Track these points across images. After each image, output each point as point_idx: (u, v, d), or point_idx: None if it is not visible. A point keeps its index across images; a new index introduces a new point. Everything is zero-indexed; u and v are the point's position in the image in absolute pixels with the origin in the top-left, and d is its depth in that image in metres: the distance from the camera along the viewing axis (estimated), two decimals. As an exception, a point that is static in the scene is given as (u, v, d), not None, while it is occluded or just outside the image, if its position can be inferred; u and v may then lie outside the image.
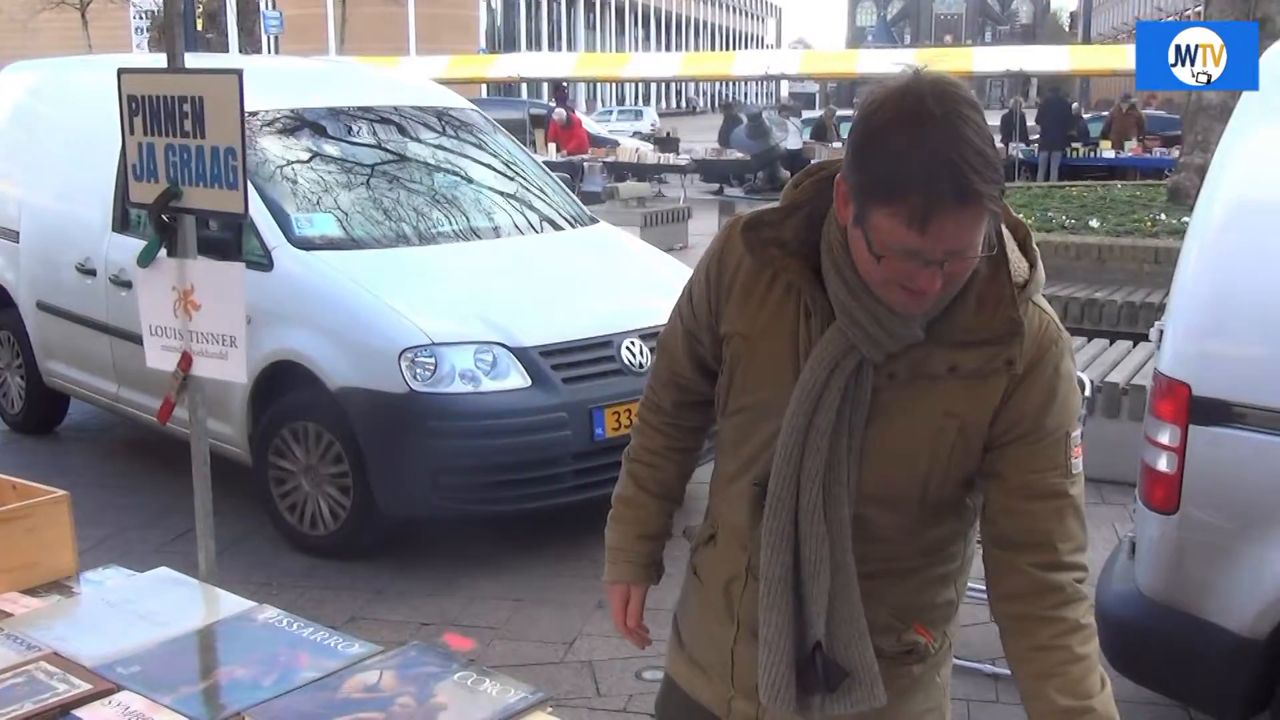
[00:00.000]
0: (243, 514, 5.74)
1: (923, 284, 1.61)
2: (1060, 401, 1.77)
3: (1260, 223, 3.37)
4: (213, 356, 3.46)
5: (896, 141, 1.57)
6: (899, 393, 1.76)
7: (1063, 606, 1.76)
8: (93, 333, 6.37)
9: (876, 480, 1.79)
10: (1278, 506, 3.22)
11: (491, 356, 5.18)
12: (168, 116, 3.38)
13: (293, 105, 6.52)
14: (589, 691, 4.27)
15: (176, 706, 1.94)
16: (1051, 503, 1.78)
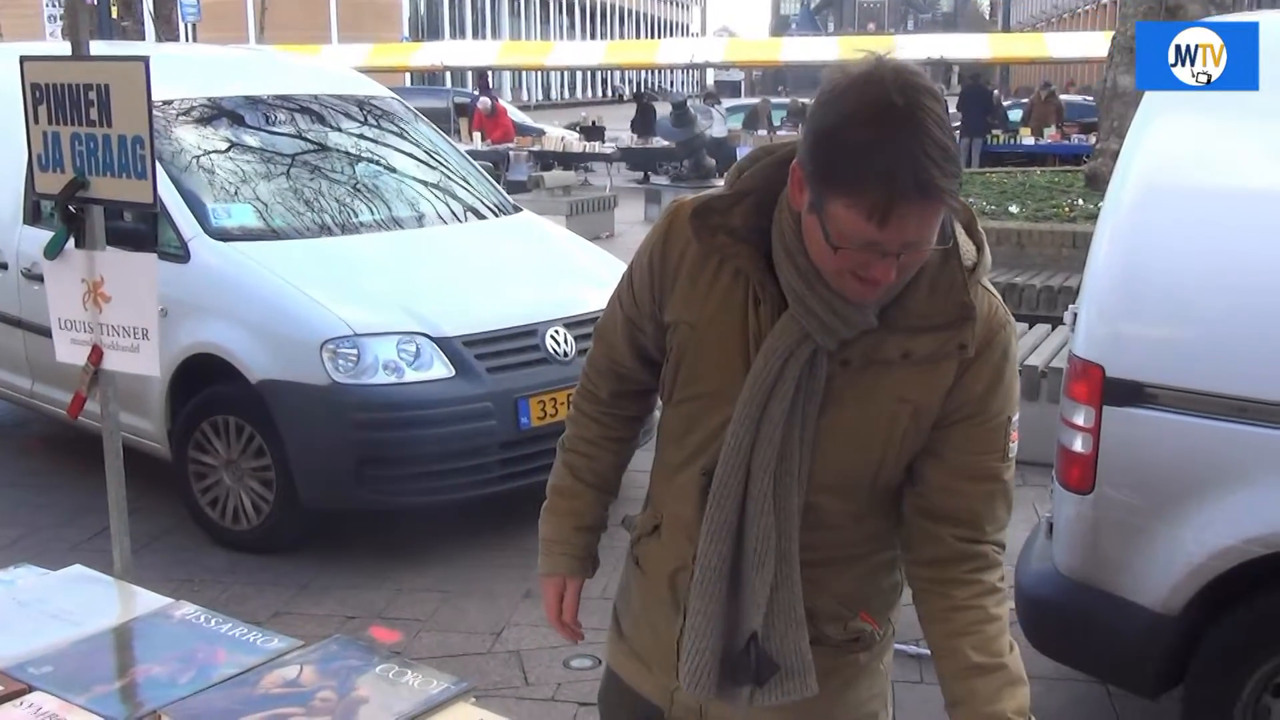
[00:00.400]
0: (163, 510, 5.67)
1: (877, 274, 1.60)
2: (1006, 385, 1.79)
3: (1169, 206, 3.42)
4: (124, 350, 3.40)
5: (858, 132, 1.54)
6: (852, 379, 1.74)
7: (980, 571, 1.80)
8: (5, 327, 6.24)
9: (829, 468, 1.79)
10: (1190, 485, 3.28)
11: (415, 347, 5.15)
12: (73, 105, 3.31)
13: (209, 94, 6.41)
14: (517, 681, 4.27)
15: (91, 706, 1.92)
16: (985, 485, 1.80)
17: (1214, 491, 3.24)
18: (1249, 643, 3.29)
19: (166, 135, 5.85)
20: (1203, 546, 3.24)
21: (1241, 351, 3.23)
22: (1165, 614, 3.31)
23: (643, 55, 43.06)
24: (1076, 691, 4.13)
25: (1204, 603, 3.29)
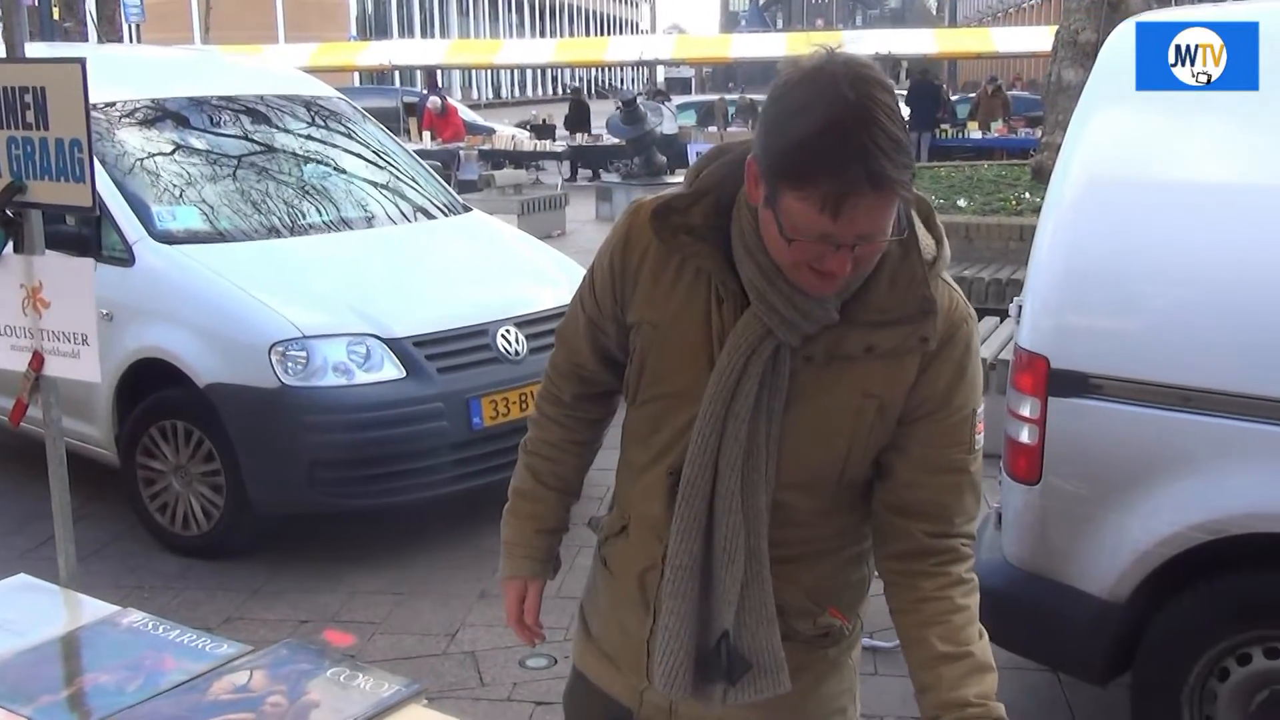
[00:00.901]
0: (112, 517, 5.62)
1: (832, 266, 1.60)
2: (969, 379, 1.79)
3: (1109, 199, 3.44)
4: (65, 355, 3.36)
5: (809, 125, 1.54)
6: (816, 375, 1.74)
7: (948, 564, 1.80)
8: (-53, 334, 6.15)
9: (796, 464, 1.78)
10: (1135, 474, 3.31)
11: (365, 348, 5.13)
12: (8, 108, 3.26)
13: (153, 95, 6.36)
14: (472, 682, 4.27)
15: (37, 717, 1.91)
16: (952, 477, 1.81)
17: (1159, 480, 3.27)
18: (1195, 628, 3.32)
19: (109, 138, 5.80)
20: (1148, 534, 3.27)
21: (1185, 341, 3.26)
22: (1112, 601, 3.34)
23: (592, 53, 43.14)
24: (1028, 680, 4.18)
25: (1150, 590, 3.32)
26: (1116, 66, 3.56)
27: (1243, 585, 3.28)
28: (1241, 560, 3.24)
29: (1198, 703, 3.33)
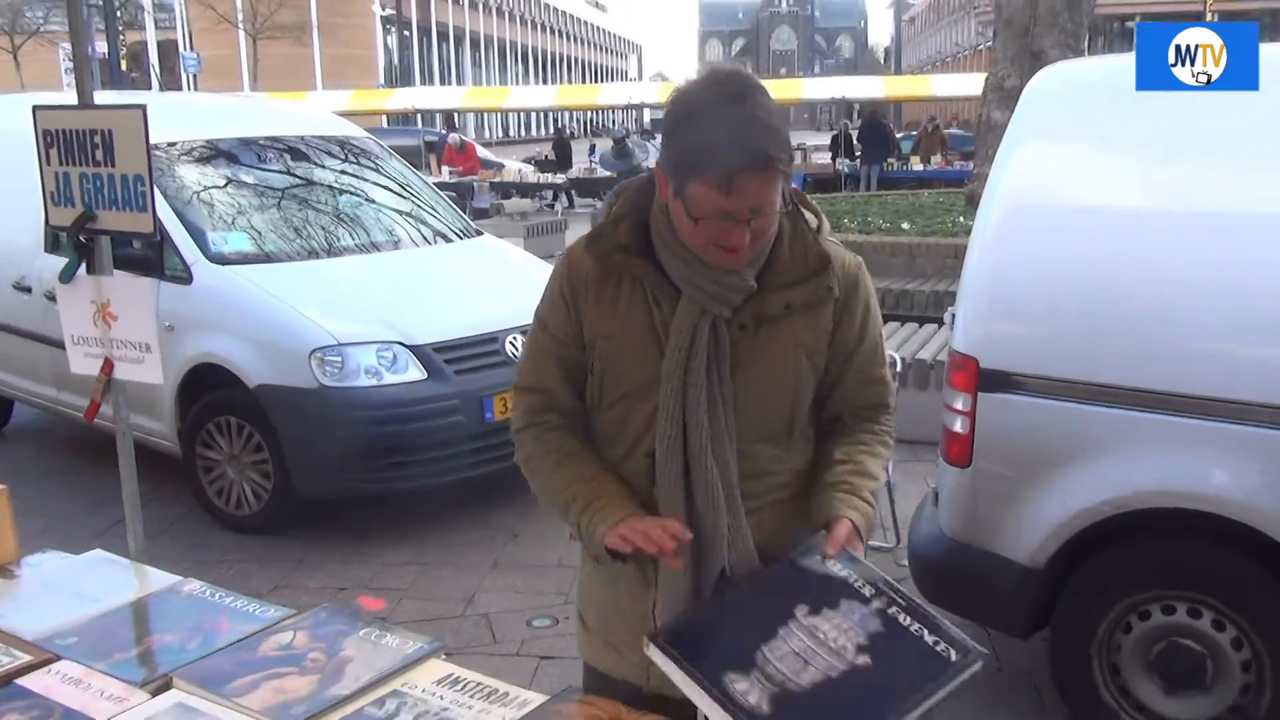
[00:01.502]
0: (175, 500, 5.62)
1: (735, 239, 1.69)
2: (873, 314, 1.92)
3: (1029, 222, 3.46)
4: (131, 361, 3.37)
5: (701, 122, 1.65)
6: (752, 340, 1.81)
7: (870, 424, 1.96)
8: (31, 343, 6.15)
9: (752, 416, 1.83)
10: (1052, 458, 3.32)
11: (392, 354, 5.13)
12: (80, 148, 3.28)
13: (208, 136, 6.35)
14: (486, 640, 4.27)
15: (110, 671, 1.91)
16: (877, 386, 1.97)
17: (1073, 463, 3.29)
18: (1103, 590, 3.34)
19: (170, 173, 5.80)
20: (1063, 509, 3.29)
21: (1094, 344, 3.27)
22: (1033, 567, 3.36)
23: (587, 98, 43.11)
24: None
25: (1065, 557, 3.34)
26: (1035, 108, 3.58)
27: (1144, 553, 3.31)
28: (1143, 531, 3.26)
29: (1105, 653, 3.36)
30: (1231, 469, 3.07)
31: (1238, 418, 3.04)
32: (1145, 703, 3.31)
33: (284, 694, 1.83)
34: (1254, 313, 3.06)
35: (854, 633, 1.64)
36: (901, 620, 1.65)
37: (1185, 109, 3.32)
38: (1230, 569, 3.17)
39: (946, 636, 1.64)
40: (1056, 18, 10.26)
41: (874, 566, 1.76)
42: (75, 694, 1.86)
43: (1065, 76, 3.67)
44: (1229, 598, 3.17)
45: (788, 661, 1.62)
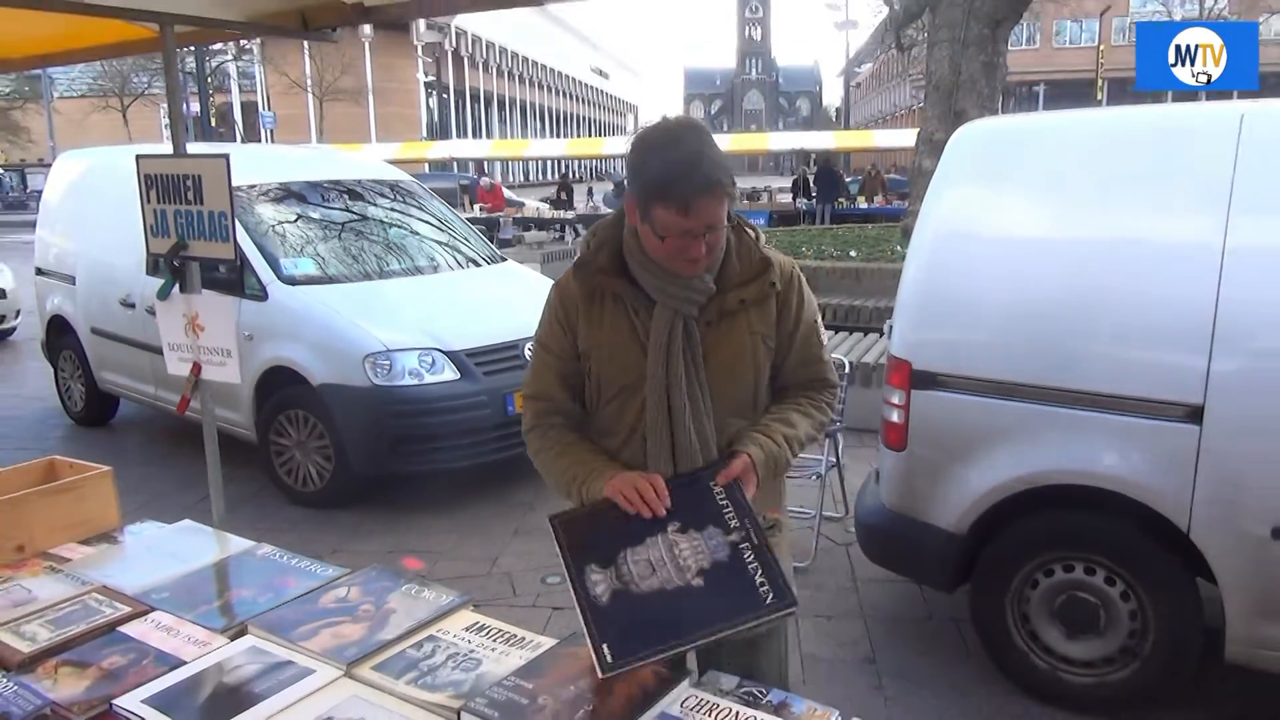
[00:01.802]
0: (252, 479, 5.59)
1: (694, 252, 1.74)
2: (808, 301, 1.94)
3: (952, 249, 3.45)
4: (215, 364, 3.36)
5: (659, 157, 1.71)
6: (717, 331, 1.85)
7: (810, 393, 1.95)
8: (134, 349, 6.14)
9: (724, 394, 1.85)
10: (972, 443, 3.32)
11: (431, 358, 5.12)
12: (175, 189, 3.27)
13: (281, 179, 6.34)
14: (508, 594, 4.25)
15: (197, 620, 1.90)
16: (817, 365, 1.97)
17: (988, 446, 3.29)
18: (1014, 552, 3.34)
19: (250, 210, 5.78)
20: (981, 485, 3.29)
21: (1007, 349, 3.27)
22: (957, 533, 3.36)
23: (593, 149, 43.09)
24: (899, 589, 4.18)
25: (983, 525, 3.34)
26: (957, 157, 3.57)
27: (1048, 521, 3.30)
28: (1047, 504, 3.26)
29: (1017, 604, 3.35)
30: (1119, 452, 3.06)
31: (1124, 410, 3.03)
32: (1051, 645, 3.30)
33: (340, 638, 1.82)
34: (1136, 322, 3.05)
35: (704, 556, 1.62)
36: (745, 557, 1.59)
37: (1077, 158, 3.32)
38: (1118, 534, 3.16)
39: (774, 583, 1.57)
40: (975, 84, 10.26)
41: (751, 504, 1.70)
42: (167, 639, 1.85)
43: (981, 131, 3.66)
44: (1118, 558, 3.17)
45: (640, 566, 1.64)
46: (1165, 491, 2.98)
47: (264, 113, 41.02)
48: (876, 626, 3.88)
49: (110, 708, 1.62)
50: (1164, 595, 3.09)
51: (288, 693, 1.65)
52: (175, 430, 6.64)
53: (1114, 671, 3.20)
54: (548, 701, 1.59)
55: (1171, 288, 2.97)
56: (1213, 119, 3.16)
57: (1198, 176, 3.00)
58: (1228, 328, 2.86)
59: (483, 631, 1.87)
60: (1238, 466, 2.88)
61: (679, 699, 1.63)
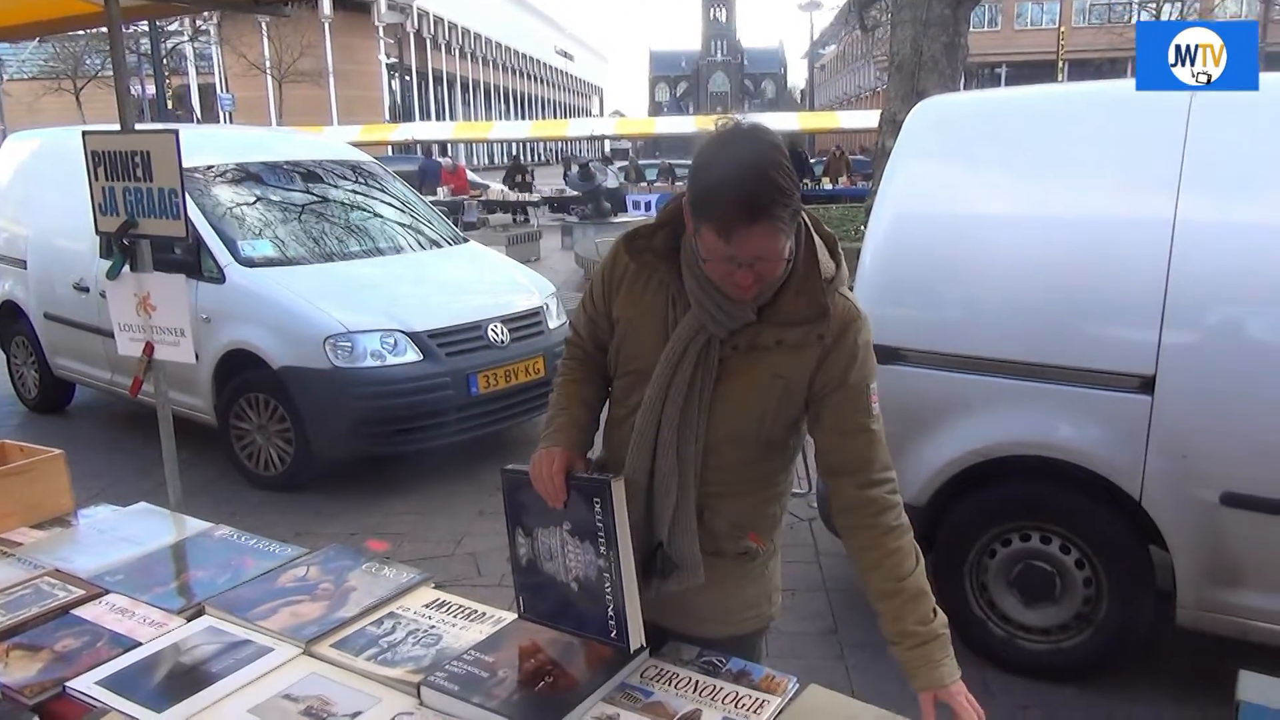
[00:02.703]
0: (212, 463, 5.53)
1: (739, 280, 1.55)
2: (860, 361, 1.70)
3: (908, 229, 3.47)
4: (168, 344, 3.30)
5: (712, 173, 1.51)
6: (740, 360, 1.69)
7: (877, 515, 1.70)
8: (88, 334, 6.03)
9: (723, 424, 1.72)
10: (932, 416, 3.35)
11: (393, 339, 5.07)
12: (124, 166, 3.20)
13: (238, 160, 6.23)
14: (473, 575, 4.24)
15: (153, 601, 1.89)
16: (860, 437, 1.70)
17: (947, 419, 3.32)
18: (972, 523, 3.38)
19: (207, 192, 5.68)
20: (940, 458, 3.32)
21: (964, 324, 3.30)
22: (917, 505, 3.37)
23: (557, 131, 42.81)
24: (861, 562, 4.23)
25: (942, 497, 3.38)
26: (912, 136, 3.59)
27: (1005, 492, 3.34)
28: (1004, 475, 3.30)
29: (975, 573, 3.40)
30: (1074, 423, 3.11)
31: (1079, 381, 3.08)
32: (1008, 613, 3.35)
33: (299, 617, 1.82)
34: (1094, 297, 3.09)
35: (580, 567, 1.68)
36: (605, 588, 1.65)
37: (1032, 133, 3.35)
38: (1073, 504, 3.21)
39: (619, 622, 1.66)
40: (937, 64, 10.31)
41: (621, 534, 1.65)
42: (121, 621, 1.83)
43: (937, 108, 3.68)
44: (1073, 527, 3.22)
45: (545, 549, 1.73)
46: (1118, 461, 3.03)
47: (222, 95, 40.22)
48: (839, 599, 3.93)
49: (64, 690, 1.60)
50: (1117, 562, 3.15)
51: (245, 671, 1.64)
52: (132, 416, 6.53)
53: (1069, 638, 3.27)
54: (508, 674, 1.60)
55: (1124, 261, 3.02)
56: (1164, 95, 3.19)
57: (1149, 152, 3.05)
58: (1178, 301, 2.91)
59: (444, 608, 1.87)
60: (1188, 435, 2.94)
61: (639, 669, 1.64)
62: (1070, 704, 3.17)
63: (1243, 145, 2.89)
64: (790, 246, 1.58)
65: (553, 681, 1.58)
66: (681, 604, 1.80)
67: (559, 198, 22.27)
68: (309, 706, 1.54)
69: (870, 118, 24.75)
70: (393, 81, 55.77)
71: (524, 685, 1.58)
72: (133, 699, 1.56)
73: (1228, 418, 2.88)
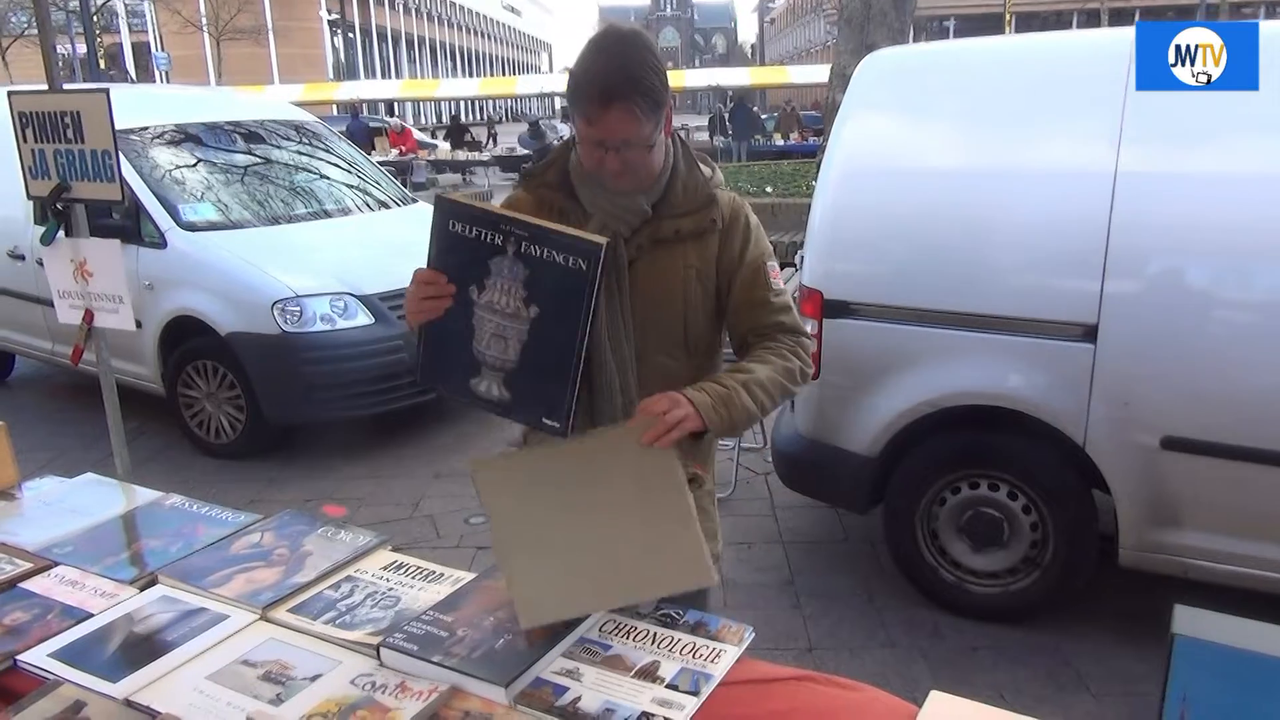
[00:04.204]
0: (162, 433, 5.44)
1: (609, 165, 1.66)
2: (753, 241, 1.83)
3: (857, 183, 3.48)
4: (108, 311, 3.22)
5: (580, 67, 1.64)
6: (648, 258, 1.78)
7: (771, 342, 1.80)
8: (27, 304, 5.85)
9: (649, 324, 1.78)
10: (882, 368, 3.39)
11: (344, 303, 5.00)
12: (53, 127, 3.08)
13: (177, 121, 6.05)
14: (431, 537, 4.25)
15: (104, 573, 1.86)
16: (763, 308, 1.81)
17: (897, 372, 3.36)
18: (922, 472, 3.45)
19: (144, 154, 5.51)
20: (891, 409, 3.38)
21: (912, 276, 3.33)
22: (869, 457, 3.45)
23: (506, 88, 42.20)
24: (816, 514, 4.30)
25: (893, 448, 3.43)
26: (861, 90, 3.59)
27: (953, 441, 3.40)
28: (953, 424, 3.36)
29: (926, 521, 3.48)
30: (1020, 372, 3.17)
31: (1026, 332, 3.13)
32: (958, 559, 3.44)
33: (254, 583, 1.80)
34: (1039, 248, 3.14)
35: (514, 287, 1.52)
36: (535, 252, 1.48)
37: (981, 89, 3.37)
38: (1020, 451, 3.29)
39: (572, 249, 1.46)
40: (886, 17, 10.31)
41: (489, 206, 1.56)
42: (72, 593, 1.80)
43: (885, 60, 3.68)
44: (1020, 474, 3.30)
45: (493, 345, 1.57)
46: (1063, 408, 3.10)
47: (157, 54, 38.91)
48: (795, 550, 4.00)
49: (15, 664, 1.58)
50: (1062, 507, 3.24)
51: (202, 638, 1.62)
52: (76, 386, 6.39)
53: (1017, 581, 3.36)
54: (467, 633, 1.60)
55: (1067, 212, 3.06)
56: (1105, 45, 3.23)
57: (1091, 104, 3.08)
58: (1120, 251, 2.97)
59: (401, 570, 1.86)
60: (1129, 382, 3.02)
61: (597, 624, 1.66)
62: (1019, 644, 3.27)
63: (1183, 97, 2.94)
64: (655, 137, 1.68)
65: (512, 640, 1.59)
66: None
67: (510, 157, 21.98)
68: (268, 671, 1.53)
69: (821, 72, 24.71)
70: (335, 39, 54.32)
71: (483, 643, 1.58)
72: (87, 669, 1.54)
73: (1167, 365, 2.96)
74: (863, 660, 3.21)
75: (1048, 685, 3.05)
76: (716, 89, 32.72)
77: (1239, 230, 2.87)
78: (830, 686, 1.48)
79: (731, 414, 1.66)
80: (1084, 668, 3.14)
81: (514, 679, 1.47)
